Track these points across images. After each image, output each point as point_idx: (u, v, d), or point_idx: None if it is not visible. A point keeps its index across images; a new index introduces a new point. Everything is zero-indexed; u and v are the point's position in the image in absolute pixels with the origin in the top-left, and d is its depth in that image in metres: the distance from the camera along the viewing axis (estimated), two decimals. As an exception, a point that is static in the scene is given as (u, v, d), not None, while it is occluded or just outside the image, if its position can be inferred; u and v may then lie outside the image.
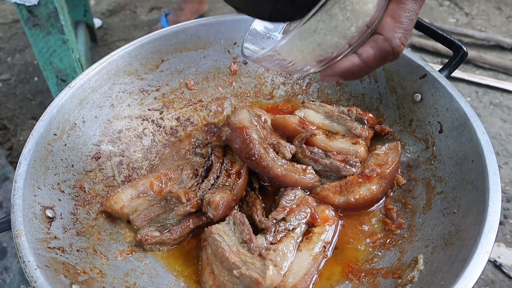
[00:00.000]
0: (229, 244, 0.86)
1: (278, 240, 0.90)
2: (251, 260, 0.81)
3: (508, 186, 2.12)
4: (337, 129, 1.11)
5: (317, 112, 1.14)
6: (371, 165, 1.01)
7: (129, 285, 0.87)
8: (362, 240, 0.96)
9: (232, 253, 0.83)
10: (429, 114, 1.05)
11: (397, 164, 1.01)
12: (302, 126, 1.10)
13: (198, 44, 1.26)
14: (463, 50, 1.07)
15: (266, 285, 0.78)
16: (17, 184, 0.85)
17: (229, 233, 0.88)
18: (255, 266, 0.80)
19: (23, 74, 2.84)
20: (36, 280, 0.71)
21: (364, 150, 1.06)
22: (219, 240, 0.86)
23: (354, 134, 1.09)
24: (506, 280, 1.79)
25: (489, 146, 0.87)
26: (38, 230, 0.82)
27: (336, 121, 1.11)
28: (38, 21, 1.72)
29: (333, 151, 1.05)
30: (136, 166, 1.14)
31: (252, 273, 0.78)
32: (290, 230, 0.92)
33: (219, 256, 0.85)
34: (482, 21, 3.13)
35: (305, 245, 0.91)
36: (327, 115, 1.13)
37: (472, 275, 0.69)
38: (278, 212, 0.93)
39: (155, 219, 0.98)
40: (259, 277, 0.78)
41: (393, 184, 1.03)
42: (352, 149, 1.05)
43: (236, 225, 0.89)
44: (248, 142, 0.98)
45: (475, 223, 0.77)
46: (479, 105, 2.53)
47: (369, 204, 1.00)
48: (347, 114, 1.11)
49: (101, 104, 1.13)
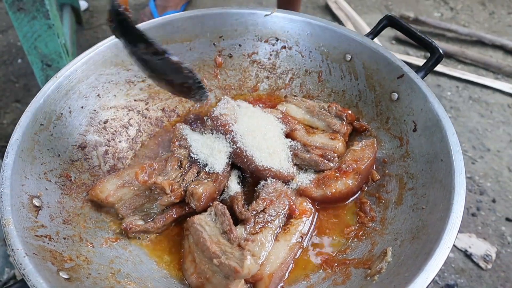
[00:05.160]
0: (210, 234, 0.90)
1: (257, 230, 0.94)
2: (230, 250, 0.86)
3: (482, 179, 2.20)
4: (317, 124, 1.16)
5: (298, 107, 1.19)
6: (347, 160, 1.05)
7: (114, 271, 0.91)
8: (336, 231, 1.01)
9: (212, 242, 0.88)
10: (405, 113, 1.09)
11: (372, 160, 1.06)
12: (284, 120, 1.14)
13: (184, 36, 1.28)
14: (439, 53, 1.11)
15: (243, 273, 0.82)
16: (5, 174, 0.88)
17: (210, 224, 0.93)
18: (234, 255, 0.85)
19: (6, 55, 2.80)
20: (25, 267, 0.74)
21: (342, 145, 1.11)
22: (201, 230, 0.90)
23: (333, 129, 1.13)
24: (475, 269, 1.88)
25: (457, 147, 0.93)
26: (26, 219, 0.85)
27: (317, 116, 1.16)
28: (23, 5, 1.71)
29: (312, 145, 1.10)
30: (121, 156, 1.17)
31: (231, 262, 0.83)
32: (269, 221, 0.97)
33: (200, 245, 0.89)
34: (466, 16, 3.19)
35: (283, 235, 0.96)
36: (308, 110, 1.18)
37: (433, 267, 0.74)
38: (258, 204, 0.98)
39: (140, 208, 1.02)
40: (237, 266, 0.82)
41: (368, 179, 1.08)
42: (331, 144, 1.10)
43: (217, 216, 0.93)
44: (230, 134, 1.02)
45: (440, 219, 0.82)
46: (459, 100, 2.60)
47: (344, 197, 1.05)
48: (327, 110, 1.16)
49: (88, 95, 1.15)
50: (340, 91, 1.25)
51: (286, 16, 1.28)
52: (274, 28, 1.29)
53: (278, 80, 1.32)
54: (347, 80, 1.24)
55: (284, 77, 1.32)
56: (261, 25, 1.29)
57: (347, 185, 1.03)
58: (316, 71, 1.28)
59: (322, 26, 1.25)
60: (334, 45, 1.24)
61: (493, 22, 3.13)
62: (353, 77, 1.22)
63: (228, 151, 1.04)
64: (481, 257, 1.90)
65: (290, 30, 1.28)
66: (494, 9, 3.24)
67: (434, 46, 1.12)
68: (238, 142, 1.02)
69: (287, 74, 1.32)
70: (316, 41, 1.26)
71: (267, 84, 1.33)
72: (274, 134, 1.08)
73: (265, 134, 1.06)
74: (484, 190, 2.15)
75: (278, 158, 1.06)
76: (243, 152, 1.01)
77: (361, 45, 1.19)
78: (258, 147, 1.03)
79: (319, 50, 1.26)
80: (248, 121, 1.07)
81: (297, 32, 1.28)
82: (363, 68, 1.20)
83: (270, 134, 1.07)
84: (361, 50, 1.19)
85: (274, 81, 1.32)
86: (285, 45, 1.30)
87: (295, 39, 1.29)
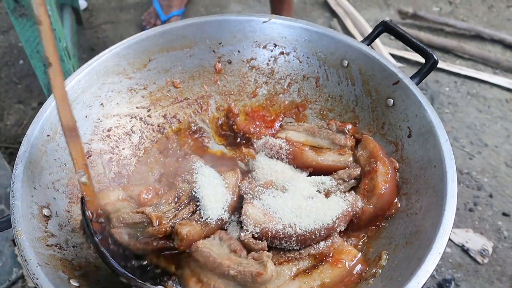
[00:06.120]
0: (219, 253, 0.91)
1: (282, 260, 0.94)
2: (245, 262, 0.88)
3: (480, 174, 2.24)
4: (321, 143, 1.16)
5: (297, 131, 1.19)
6: (365, 162, 1.06)
7: (120, 277, 0.95)
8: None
9: (224, 259, 0.89)
10: (400, 119, 1.13)
11: (378, 146, 1.08)
12: (291, 143, 1.14)
13: (184, 43, 1.31)
14: (433, 59, 1.14)
15: (267, 275, 0.84)
16: (15, 186, 0.91)
17: (216, 246, 0.94)
18: (251, 264, 0.87)
19: (7, 56, 2.83)
20: (38, 277, 0.79)
21: (353, 158, 1.12)
22: (208, 251, 0.91)
23: (338, 144, 1.13)
24: (473, 264, 1.93)
25: (450, 154, 0.96)
26: (37, 229, 0.89)
27: (319, 136, 1.16)
28: (24, 11, 1.73)
29: (325, 164, 1.10)
30: (125, 163, 1.20)
31: (251, 268, 0.85)
32: (297, 258, 0.95)
33: (209, 265, 0.90)
34: (465, 10, 3.20)
35: (302, 277, 0.92)
36: (308, 132, 1.18)
37: (424, 273, 0.78)
38: (303, 258, 0.95)
39: (131, 226, 1.01)
40: (260, 269, 0.84)
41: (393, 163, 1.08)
42: (342, 160, 1.10)
43: (223, 240, 0.95)
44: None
45: (432, 225, 0.86)
46: (457, 95, 2.62)
47: (393, 191, 1.02)
48: (327, 127, 1.16)
49: (91, 104, 1.18)
50: (337, 96, 1.28)
51: (284, 23, 1.31)
52: (272, 34, 1.32)
53: (276, 86, 1.35)
54: (344, 86, 1.27)
55: (283, 82, 1.35)
56: (259, 32, 1.32)
57: (385, 174, 1.01)
58: (313, 76, 1.31)
59: (320, 32, 1.28)
60: (331, 51, 1.27)
61: (492, 16, 3.14)
62: (349, 82, 1.25)
63: (229, 200, 1.02)
64: (478, 251, 1.95)
65: (288, 36, 1.31)
66: (493, 2, 3.24)
67: (428, 52, 1.15)
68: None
69: (285, 79, 1.35)
70: (313, 47, 1.29)
71: (266, 90, 1.36)
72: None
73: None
74: (481, 186, 2.18)
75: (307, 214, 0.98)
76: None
77: (358, 51, 1.22)
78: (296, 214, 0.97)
79: (317, 56, 1.29)
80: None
81: (295, 38, 1.31)
82: (360, 74, 1.22)
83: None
84: (358, 56, 1.22)
85: (272, 87, 1.35)
86: (283, 51, 1.33)
87: (293, 45, 1.31)
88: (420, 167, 1.02)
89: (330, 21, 3.06)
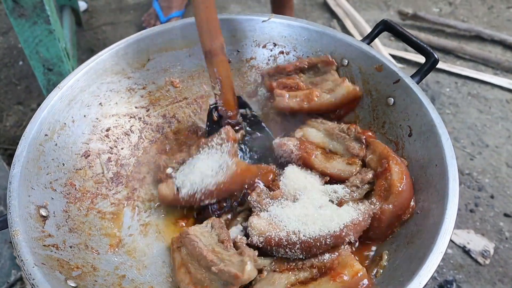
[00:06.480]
0: (205, 244, 0.92)
1: (281, 270, 0.92)
2: (228, 258, 0.88)
3: (481, 175, 2.23)
4: (336, 147, 1.14)
5: (318, 130, 1.17)
6: (376, 165, 1.04)
7: (119, 277, 0.95)
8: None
9: (209, 251, 0.90)
10: (401, 118, 1.12)
11: (387, 147, 1.06)
12: (302, 148, 1.12)
13: (183, 43, 1.30)
14: (434, 57, 1.13)
15: (244, 279, 0.84)
16: (12, 186, 0.90)
17: (205, 234, 0.95)
18: (232, 262, 0.87)
19: (7, 58, 2.82)
20: (34, 277, 0.78)
21: (359, 168, 1.08)
22: (195, 240, 0.92)
23: (351, 153, 1.10)
24: (474, 265, 1.91)
25: (451, 153, 0.95)
26: (34, 229, 0.88)
27: (336, 139, 1.14)
28: (23, 11, 1.73)
29: (330, 173, 1.08)
30: (124, 163, 1.19)
31: (230, 268, 0.85)
32: (298, 268, 0.92)
33: (196, 255, 0.91)
34: (465, 11, 3.20)
35: (298, 287, 0.89)
36: (327, 133, 1.15)
37: (426, 273, 0.77)
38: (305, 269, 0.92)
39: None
40: (237, 272, 0.85)
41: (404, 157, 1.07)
42: (348, 170, 1.07)
43: (214, 228, 0.96)
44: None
45: (434, 225, 0.85)
46: (458, 96, 2.62)
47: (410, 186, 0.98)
48: (347, 132, 1.13)
49: (90, 104, 1.17)
50: (337, 95, 1.27)
51: (283, 22, 1.30)
52: (271, 34, 1.31)
53: (276, 85, 1.34)
54: (344, 85, 1.26)
55: (283, 81, 1.34)
56: (259, 31, 1.31)
57: (400, 171, 0.98)
58: (313, 75, 1.30)
59: (320, 31, 1.27)
60: (331, 50, 1.26)
61: (492, 17, 3.14)
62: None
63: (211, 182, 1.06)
64: (479, 252, 1.93)
65: (287, 35, 1.30)
66: (493, 3, 3.24)
67: (429, 51, 1.14)
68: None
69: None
70: (313, 46, 1.28)
71: (266, 89, 1.35)
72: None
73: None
74: (482, 186, 2.17)
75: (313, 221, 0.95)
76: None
77: (358, 50, 1.21)
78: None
79: (317, 55, 1.28)
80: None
81: (295, 37, 1.30)
82: (360, 73, 1.22)
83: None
84: (358, 55, 1.21)
85: (272, 86, 1.34)
86: (282, 50, 1.32)
87: (293, 44, 1.31)
88: (421, 166, 1.01)
89: (330, 22, 3.06)
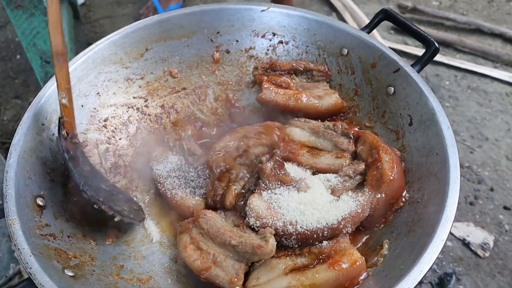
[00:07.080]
0: (222, 225, 0.94)
1: (278, 255, 0.92)
2: (247, 235, 0.90)
3: (481, 168, 2.22)
4: (323, 144, 1.12)
5: (302, 129, 1.15)
6: (367, 155, 1.03)
7: (117, 267, 0.94)
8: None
9: (227, 230, 0.92)
10: (401, 107, 1.11)
11: (377, 137, 1.06)
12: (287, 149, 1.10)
13: (182, 33, 1.29)
14: (434, 46, 1.12)
15: (268, 249, 0.86)
16: (8, 175, 0.89)
17: (221, 218, 0.97)
18: (252, 238, 0.88)
19: (4, 51, 2.81)
20: (31, 266, 0.77)
21: (349, 161, 1.08)
22: (213, 220, 0.94)
23: (340, 148, 1.09)
24: (473, 257, 1.91)
25: (452, 141, 0.94)
26: (31, 219, 0.87)
27: (322, 137, 1.12)
28: (20, 3, 1.71)
29: (319, 167, 1.07)
30: (122, 153, 1.18)
31: (252, 240, 0.87)
32: (296, 254, 0.93)
33: (212, 233, 0.92)
34: (465, 4, 3.18)
35: (295, 273, 0.87)
36: (312, 132, 1.14)
37: (427, 261, 0.76)
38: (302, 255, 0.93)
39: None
40: (261, 242, 0.86)
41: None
42: (337, 163, 1.06)
43: (228, 216, 0.97)
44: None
45: (435, 213, 0.84)
46: (457, 89, 2.61)
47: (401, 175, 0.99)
48: (333, 129, 1.12)
49: (87, 93, 1.16)
50: (336, 85, 1.26)
51: (282, 11, 1.29)
52: (270, 23, 1.30)
53: (275, 75, 1.33)
54: (343, 74, 1.25)
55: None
56: (257, 21, 1.30)
57: (390, 160, 0.98)
58: (313, 65, 1.29)
59: (319, 20, 1.26)
60: (330, 39, 1.25)
61: (492, 10, 3.12)
62: (349, 71, 1.23)
63: None
64: (479, 245, 1.93)
65: (286, 25, 1.29)
66: (493, -4, 3.23)
67: (429, 40, 1.13)
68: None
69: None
70: (312, 35, 1.27)
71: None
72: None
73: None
74: (482, 179, 2.17)
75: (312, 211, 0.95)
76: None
77: (357, 39, 1.20)
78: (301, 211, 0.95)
79: (316, 45, 1.27)
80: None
81: (294, 27, 1.29)
82: (360, 62, 1.21)
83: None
84: (357, 44, 1.20)
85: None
86: (282, 39, 1.31)
87: (292, 34, 1.29)
88: (421, 155, 1.00)
89: (329, 15, 3.04)
